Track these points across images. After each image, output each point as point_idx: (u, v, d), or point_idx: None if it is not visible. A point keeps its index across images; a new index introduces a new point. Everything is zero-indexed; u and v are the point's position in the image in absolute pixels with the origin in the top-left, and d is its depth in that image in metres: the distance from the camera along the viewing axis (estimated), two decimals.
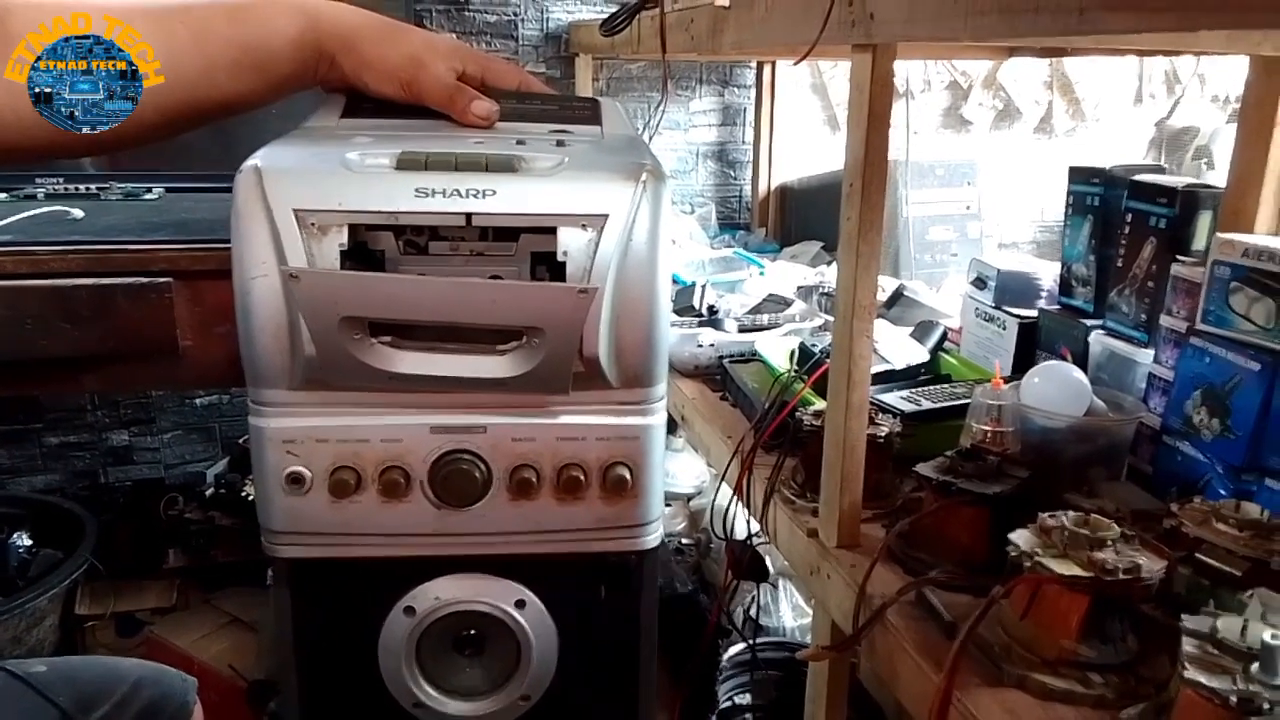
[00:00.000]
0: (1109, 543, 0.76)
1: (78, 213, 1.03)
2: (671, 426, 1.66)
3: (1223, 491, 0.96)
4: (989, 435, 0.99)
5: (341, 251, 0.66)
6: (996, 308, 1.39)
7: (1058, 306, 1.33)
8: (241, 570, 2.04)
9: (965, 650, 0.76)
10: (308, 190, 0.65)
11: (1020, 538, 0.79)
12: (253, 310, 0.67)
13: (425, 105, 0.79)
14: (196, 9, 0.73)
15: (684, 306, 1.60)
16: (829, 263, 2.04)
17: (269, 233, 0.65)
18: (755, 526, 1.19)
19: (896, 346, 1.34)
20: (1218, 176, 1.98)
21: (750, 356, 1.46)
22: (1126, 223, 1.17)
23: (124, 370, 0.92)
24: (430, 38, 0.81)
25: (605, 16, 1.68)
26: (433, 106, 0.79)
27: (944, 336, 1.43)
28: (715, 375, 1.52)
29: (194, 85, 0.73)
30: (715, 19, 1.21)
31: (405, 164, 0.67)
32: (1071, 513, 0.80)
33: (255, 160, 0.66)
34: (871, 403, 1.01)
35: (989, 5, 0.68)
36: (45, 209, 1.03)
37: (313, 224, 0.65)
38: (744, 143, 2.49)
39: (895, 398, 1.21)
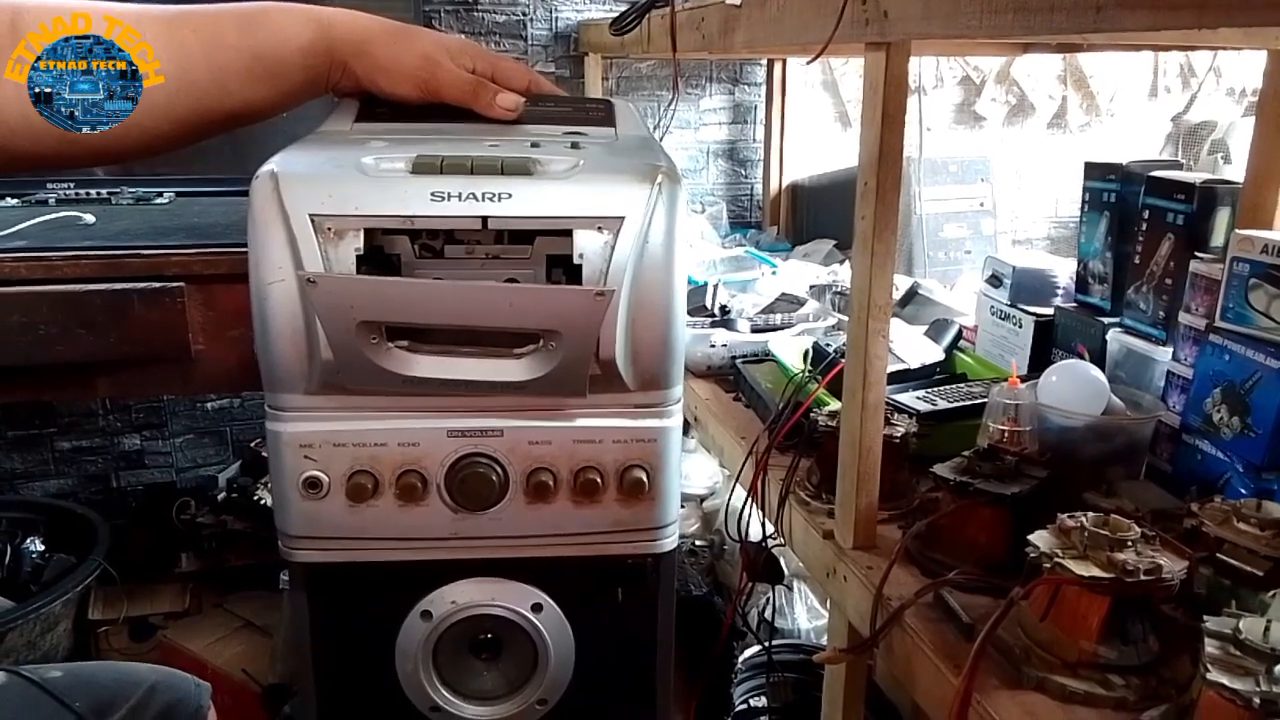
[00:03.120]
0: (1129, 543, 0.76)
1: (89, 218, 1.03)
2: (684, 427, 1.66)
3: (1243, 490, 0.95)
4: (1006, 435, 0.98)
5: (357, 256, 0.65)
6: (1012, 306, 1.38)
7: (1074, 304, 1.33)
8: (254, 574, 2.05)
9: (984, 652, 0.75)
10: (324, 195, 0.65)
11: (1039, 539, 0.79)
12: (270, 315, 0.66)
13: (445, 102, 0.78)
14: (207, 18, 0.73)
15: (696, 306, 1.60)
16: (842, 261, 2.04)
17: (285, 238, 0.64)
18: (770, 528, 1.18)
19: (911, 346, 1.34)
20: (1235, 171, 1.97)
21: (763, 356, 1.46)
22: (1143, 219, 1.17)
23: (137, 375, 0.92)
24: (441, 37, 0.80)
25: (615, 16, 1.68)
26: (454, 103, 0.78)
27: (959, 335, 1.43)
28: (728, 376, 1.51)
29: (205, 94, 0.72)
30: (726, 18, 1.21)
31: (420, 168, 0.67)
32: (1091, 513, 0.80)
33: (271, 166, 0.66)
34: (887, 403, 1.00)
35: (1005, 3, 0.68)
36: (57, 214, 1.03)
37: (329, 229, 0.65)
38: (755, 141, 2.48)
39: (911, 397, 1.20)
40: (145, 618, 2.02)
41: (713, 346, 1.51)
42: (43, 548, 1.94)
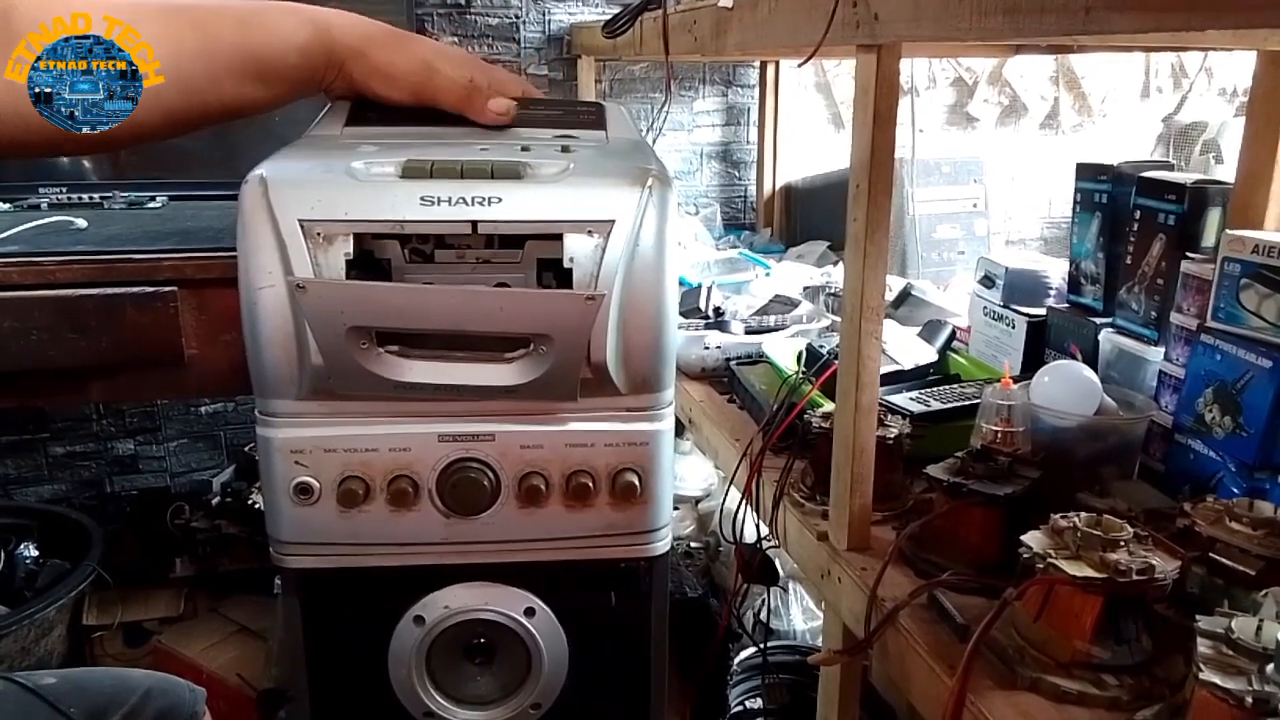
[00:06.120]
0: (1122, 543, 0.76)
1: (81, 222, 1.03)
2: (679, 429, 1.66)
3: (1235, 490, 0.96)
4: (999, 435, 0.98)
5: (347, 261, 0.65)
6: (1005, 306, 1.38)
7: (1067, 305, 1.32)
8: (249, 579, 2.04)
9: (978, 653, 0.75)
10: (313, 200, 0.65)
11: (1033, 539, 0.79)
12: (260, 321, 0.66)
13: (439, 107, 0.79)
14: (205, 13, 0.73)
15: (690, 308, 1.59)
16: (835, 262, 2.03)
17: (275, 243, 0.65)
18: (765, 529, 1.18)
19: (904, 347, 1.34)
20: (1226, 171, 1.97)
21: (757, 358, 1.46)
22: (1135, 219, 1.17)
23: (130, 379, 0.92)
24: (439, 46, 0.81)
25: (607, 18, 1.68)
26: (447, 108, 0.79)
27: (952, 336, 1.43)
28: (722, 377, 1.51)
29: (199, 90, 0.73)
30: (718, 20, 1.21)
31: (410, 172, 0.67)
32: (1084, 513, 0.80)
33: (261, 170, 0.66)
34: (880, 404, 1.00)
35: (994, 6, 0.68)
36: (49, 219, 1.03)
37: (319, 234, 0.65)
38: (748, 142, 2.48)
39: (904, 398, 1.20)
40: (140, 623, 2.01)
41: (706, 348, 1.51)
42: (37, 553, 1.93)
